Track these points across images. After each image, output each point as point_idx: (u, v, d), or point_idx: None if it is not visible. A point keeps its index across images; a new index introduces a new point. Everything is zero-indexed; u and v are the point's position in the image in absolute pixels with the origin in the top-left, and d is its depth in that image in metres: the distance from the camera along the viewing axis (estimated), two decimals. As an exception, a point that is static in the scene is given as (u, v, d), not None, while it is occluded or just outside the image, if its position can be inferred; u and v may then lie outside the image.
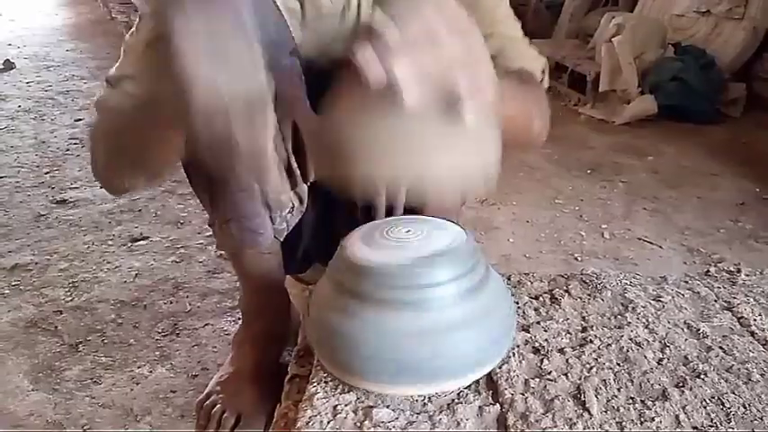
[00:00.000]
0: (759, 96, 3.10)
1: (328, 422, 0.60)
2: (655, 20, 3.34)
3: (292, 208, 0.92)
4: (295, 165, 0.89)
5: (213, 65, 0.53)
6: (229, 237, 0.91)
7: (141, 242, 1.78)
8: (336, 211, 0.97)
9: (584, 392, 0.62)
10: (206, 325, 1.39)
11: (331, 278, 0.66)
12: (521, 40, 0.90)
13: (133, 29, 0.87)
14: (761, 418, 0.60)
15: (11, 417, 1.15)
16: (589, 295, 0.81)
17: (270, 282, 0.99)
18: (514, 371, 0.66)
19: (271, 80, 0.57)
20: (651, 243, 1.81)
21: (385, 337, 0.59)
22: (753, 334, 0.74)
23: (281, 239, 0.94)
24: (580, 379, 0.65)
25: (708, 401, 0.62)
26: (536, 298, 0.81)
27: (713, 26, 3.20)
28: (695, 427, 0.59)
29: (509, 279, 0.86)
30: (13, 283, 1.58)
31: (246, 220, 0.88)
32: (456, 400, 0.62)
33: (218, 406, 0.95)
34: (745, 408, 0.61)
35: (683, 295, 0.82)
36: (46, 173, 2.32)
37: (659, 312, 0.77)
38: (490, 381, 0.65)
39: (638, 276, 0.87)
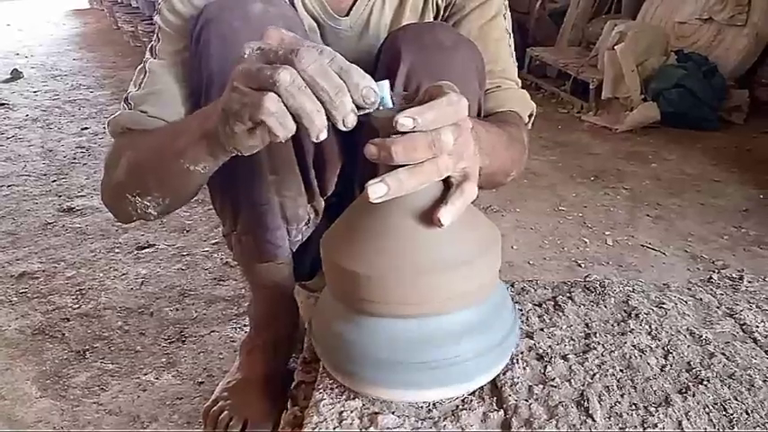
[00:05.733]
0: (762, 103, 3.11)
1: (334, 428, 0.61)
2: (657, 27, 3.35)
3: (308, 221, 0.92)
4: (314, 179, 0.90)
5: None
6: (247, 249, 0.92)
7: (147, 250, 1.79)
8: None
9: (587, 399, 0.63)
10: (212, 332, 1.40)
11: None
12: (515, 82, 0.94)
13: (153, 49, 0.86)
14: (763, 425, 0.61)
15: (19, 423, 1.16)
16: (592, 302, 0.82)
17: (281, 290, 1.00)
18: (518, 377, 0.67)
19: None
20: (654, 250, 1.81)
21: (389, 343, 0.59)
22: (755, 340, 0.74)
23: (294, 250, 0.95)
24: (583, 385, 0.65)
25: (710, 408, 0.62)
26: (539, 305, 0.81)
27: (715, 33, 3.21)
28: (698, 433, 0.59)
29: (513, 286, 0.86)
30: (21, 291, 1.59)
31: (266, 234, 0.89)
32: (460, 407, 0.63)
33: (225, 412, 0.96)
34: (747, 414, 0.62)
35: (685, 302, 0.83)
36: (53, 181, 2.34)
37: (662, 319, 0.78)
38: (494, 387, 0.66)
39: (641, 283, 0.88)
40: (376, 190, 0.52)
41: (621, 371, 0.68)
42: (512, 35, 0.94)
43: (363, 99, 0.51)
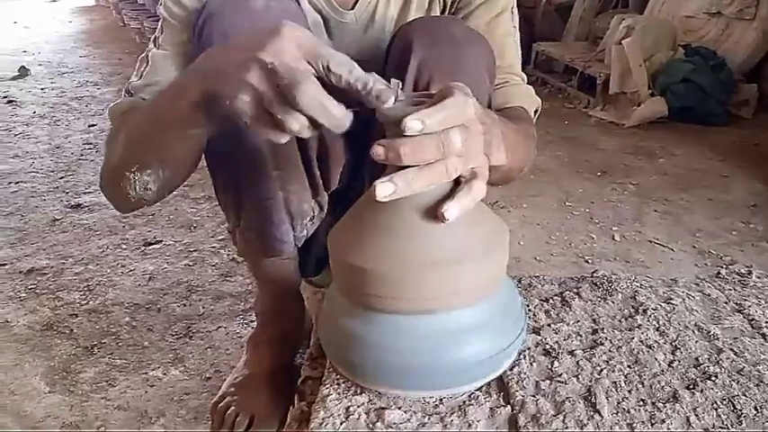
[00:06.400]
0: (770, 97, 3.08)
1: (341, 423, 0.61)
2: (665, 21, 3.33)
3: (313, 216, 0.93)
4: (318, 174, 0.90)
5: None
6: (252, 244, 0.92)
7: (155, 246, 1.80)
8: None
9: (594, 394, 0.63)
10: (219, 328, 1.41)
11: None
12: (521, 78, 0.94)
13: (156, 40, 0.86)
14: (772, 420, 0.60)
15: (28, 419, 1.16)
16: (600, 297, 0.82)
17: (287, 286, 1.01)
18: (525, 373, 0.66)
19: None
20: (662, 245, 1.81)
21: (396, 339, 0.60)
22: (764, 336, 0.74)
23: (299, 245, 0.95)
24: (591, 381, 0.65)
25: (719, 403, 0.62)
26: (547, 300, 0.81)
27: (724, 27, 3.18)
28: (706, 429, 0.59)
29: (520, 281, 0.86)
30: (30, 287, 1.60)
31: (271, 229, 0.89)
32: (467, 402, 0.63)
33: (233, 408, 0.96)
34: (756, 410, 0.62)
35: (693, 297, 0.82)
36: (61, 178, 2.35)
37: (670, 314, 0.77)
38: (501, 383, 0.66)
39: (648, 278, 0.87)
40: (383, 189, 0.52)
41: (629, 366, 0.68)
42: (518, 30, 0.94)
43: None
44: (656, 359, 0.69)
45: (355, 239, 0.60)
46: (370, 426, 0.61)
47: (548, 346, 0.71)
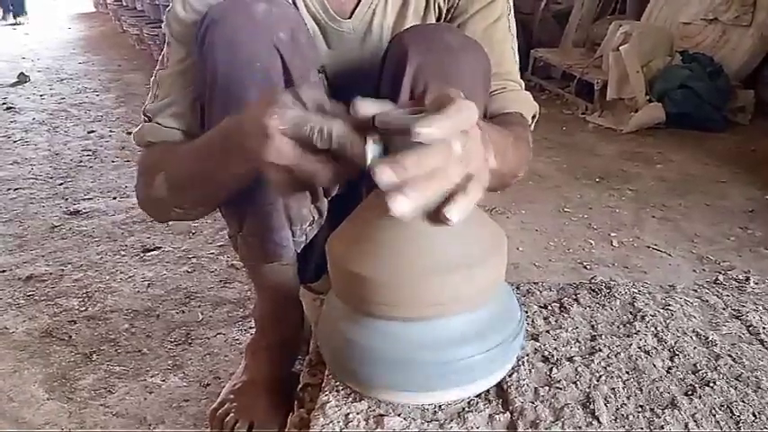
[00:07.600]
0: (767, 103, 3.09)
1: (340, 430, 0.61)
2: (662, 28, 3.35)
3: (312, 221, 0.93)
4: None
5: None
6: (253, 249, 0.93)
7: (153, 252, 1.80)
8: None
9: (593, 401, 0.63)
10: (218, 334, 1.41)
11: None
12: (519, 84, 0.95)
13: (163, 61, 0.90)
14: (770, 427, 0.61)
15: (26, 426, 1.16)
16: (598, 304, 0.82)
17: (286, 292, 1.01)
18: (524, 379, 0.67)
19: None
20: (660, 251, 1.81)
21: (395, 346, 0.60)
22: (762, 342, 0.74)
23: (299, 251, 0.95)
24: (589, 387, 0.65)
25: (717, 410, 0.62)
26: (545, 307, 0.81)
27: (721, 33, 3.20)
28: (704, 435, 0.59)
29: (518, 288, 0.86)
30: (28, 294, 1.60)
31: (271, 234, 0.90)
32: (466, 409, 0.63)
33: (232, 414, 0.96)
34: (754, 416, 0.62)
35: (691, 303, 0.83)
36: (60, 184, 2.35)
37: (668, 321, 0.78)
38: (500, 389, 0.66)
39: (646, 285, 0.88)
40: (400, 206, 0.51)
41: (627, 373, 0.68)
42: (515, 36, 0.95)
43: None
44: (654, 365, 0.69)
45: (354, 246, 0.60)
46: (370, 432, 0.61)
47: (546, 353, 0.71)
